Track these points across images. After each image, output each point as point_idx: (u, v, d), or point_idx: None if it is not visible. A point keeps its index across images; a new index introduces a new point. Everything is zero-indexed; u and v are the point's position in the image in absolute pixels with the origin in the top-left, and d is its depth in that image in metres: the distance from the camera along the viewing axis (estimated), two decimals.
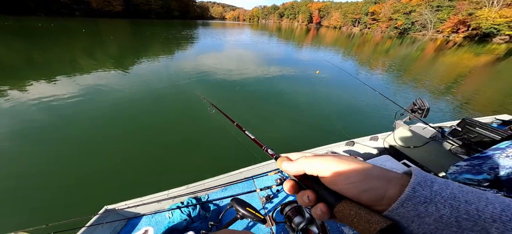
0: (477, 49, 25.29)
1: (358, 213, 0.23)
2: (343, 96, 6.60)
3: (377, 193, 0.24)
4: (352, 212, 0.24)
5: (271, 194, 2.06)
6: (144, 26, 33.55)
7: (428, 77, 9.81)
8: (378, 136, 2.73)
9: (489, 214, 0.19)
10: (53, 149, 3.40)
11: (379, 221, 0.22)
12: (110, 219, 1.61)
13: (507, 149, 1.34)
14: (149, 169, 3.09)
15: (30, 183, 2.74)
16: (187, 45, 16.66)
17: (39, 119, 4.29)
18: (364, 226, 0.22)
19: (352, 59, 14.25)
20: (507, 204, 0.20)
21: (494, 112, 4.07)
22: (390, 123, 2.80)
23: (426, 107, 2.37)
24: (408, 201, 0.22)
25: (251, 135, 0.53)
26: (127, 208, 1.70)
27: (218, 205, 2.01)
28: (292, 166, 0.30)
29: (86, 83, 6.52)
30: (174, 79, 7.37)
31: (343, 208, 0.24)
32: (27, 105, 4.84)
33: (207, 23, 73.98)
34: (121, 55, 11.59)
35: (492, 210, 0.19)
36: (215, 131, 3.95)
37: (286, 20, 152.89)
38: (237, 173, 2.10)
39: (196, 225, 1.76)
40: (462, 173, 1.53)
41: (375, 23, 74.68)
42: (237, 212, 1.18)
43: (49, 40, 15.44)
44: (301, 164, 0.29)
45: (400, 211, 0.22)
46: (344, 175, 0.26)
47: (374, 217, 0.22)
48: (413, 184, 0.22)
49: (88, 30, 23.46)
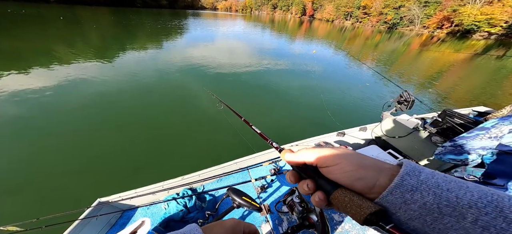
0: (458, 45, 26.70)
1: (351, 199, 0.25)
2: (335, 89, 6.77)
3: (369, 181, 0.26)
4: (346, 198, 0.26)
5: (266, 184, 2.12)
6: (129, 15, 31.40)
7: (412, 72, 10.30)
8: (367, 126, 2.87)
9: (466, 201, 0.21)
10: (42, 142, 3.24)
11: (369, 206, 0.24)
12: (104, 211, 1.58)
13: (492, 129, 1.43)
14: (142, 161, 3.04)
15: (19, 177, 2.63)
16: (178, 36, 15.96)
17: (26, 111, 4.04)
18: (356, 211, 0.24)
19: (343, 53, 14.50)
20: (484, 192, 0.22)
21: (471, 104, 4.41)
22: (378, 114, 2.94)
23: (411, 100, 2.51)
24: (396, 189, 0.24)
25: (257, 130, 0.55)
26: (121, 200, 1.67)
27: (214, 195, 2.03)
28: (294, 157, 0.33)
29: (71, 74, 6.13)
30: (168, 71, 7.12)
31: (339, 195, 0.27)
32: (15, 98, 4.53)
33: (197, 13, 70.73)
34: (108, 45, 10.90)
35: (470, 197, 0.21)
36: (209, 122, 3.93)
37: (279, 12, 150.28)
38: (232, 164, 2.12)
39: (192, 216, 1.78)
40: (446, 154, 1.65)
41: (366, 17, 75.65)
42: (233, 201, 1.20)
43: (21, 28, 14.03)
44: (302, 155, 0.32)
45: (389, 198, 0.24)
46: (340, 165, 0.28)
47: (365, 203, 0.24)
48: (402, 173, 0.25)
49: (67, 18, 21.55)
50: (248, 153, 2.22)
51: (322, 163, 0.30)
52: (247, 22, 44.19)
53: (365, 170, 0.27)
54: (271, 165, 2.18)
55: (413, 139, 2.39)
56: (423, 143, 2.29)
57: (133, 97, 4.99)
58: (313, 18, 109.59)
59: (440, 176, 0.24)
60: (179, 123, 4.07)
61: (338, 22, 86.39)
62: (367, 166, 0.27)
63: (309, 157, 0.31)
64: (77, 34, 13.68)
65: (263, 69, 8.29)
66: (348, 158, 0.28)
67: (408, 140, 2.42)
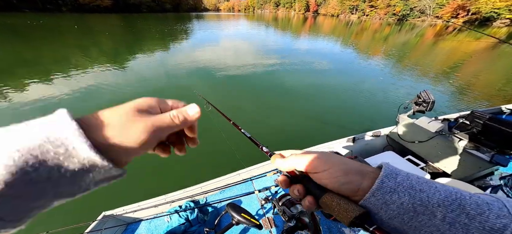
0: (477, 34, 24.97)
1: (338, 203, 0.27)
2: (343, 90, 6.43)
3: (353, 185, 0.28)
4: (334, 202, 0.27)
5: (270, 195, 1.97)
6: (137, 21, 32.33)
7: (428, 64, 9.64)
8: (381, 130, 2.62)
9: (435, 200, 0.24)
10: None
11: (355, 209, 0.25)
12: (109, 225, 1.61)
13: None
14: (145, 173, 3.00)
15: None
16: (184, 40, 16.15)
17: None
18: (343, 214, 0.26)
19: (351, 49, 13.93)
20: (450, 192, 0.24)
21: (502, 100, 3.92)
22: (392, 117, 2.67)
23: (431, 100, 2.24)
24: (377, 191, 0.26)
25: (247, 133, 0.52)
26: (125, 213, 1.70)
27: (216, 207, 1.98)
28: (284, 163, 0.34)
29: (86, 82, 6.32)
30: (172, 77, 7.14)
31: (327, 199, 0.28)
32: (31, 105, 4.74)
33: (201, 15, 71.64)
34: (120, 52, 11.22)
35: (438, 196, 0.24)
36: (213, 132, 3.83)
37: (282, 10, 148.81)
38: (235, 175, 2.05)
39: (194, 229, 1.75)
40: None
41: (373, 10, 73.04)
42: (233, 218, 1.17)
43: (44, 38, 14.75)
44: (292, 162, 0.33)
45: (371, 200, 0.26)
46: (328, 172, 0.29)
47: (351, 206, 0.26)
48: (381, 176, 0.26)
49: (80, 26, 22.54)
50: (254, 163, 2.10)
51: (311, 169, 0.31)
52: (250, 22, 44.03)
53: (351, 175, 0.28)
54: (276, 175, 2.03)
55: (436, 144, 2.13)
56: (449, 148, 2.02)
57: None
58: (317, 14, 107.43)
59: (414, 177, 0.26)
60: None
61: (344, 16, 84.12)
62: (352, 171, 0.29)
63: (298, 164, 0.32)
64: (92, 41, 14.19)
65: (267, 71, 8.11)
66: (335, 164, 0.30)
67: (430, 146, 2.15)
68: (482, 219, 0.22)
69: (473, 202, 0.23)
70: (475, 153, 1.85)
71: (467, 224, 0.22)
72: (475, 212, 0.22)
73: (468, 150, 1.88)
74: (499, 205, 0.23)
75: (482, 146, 1.86)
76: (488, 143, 1.82)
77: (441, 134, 2.10)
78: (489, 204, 0.23)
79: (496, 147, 1.79)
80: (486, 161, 1.77)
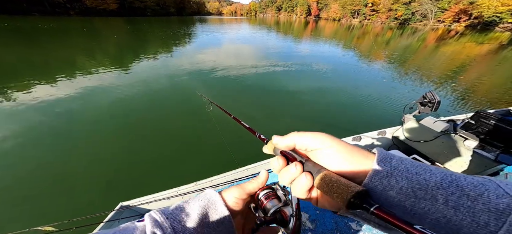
0: (479, 38, 24.90)
1: (338, 179, 0.25)
2: (348, 90, 6.49)
3: (355, 167, 0.27)
4: (333, 179, 0.26)
5: None
6: (142, 24, 32.92)
7: (431, 68, 9.66)
8: (386, 130, 2.66)
9: (433, 182, 0.23)
10: (70, 150, 3.47)
11: (356, 186, 0.24)
12: (125, 215, 1.71)
13: None
14: (159, 167, 3.16)
15: (54, 183, 2.85)
16: (190, 43, 16.45)
17: (55, 119, 4.34)
18: (343, 190, 0.24)
19: (353, 52, 14.03)
20: (444, 173, 0.24)
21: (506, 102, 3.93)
22: (398, 116, 2.71)
23: (436, 101, 2.28)
24: (375, 176, 0.25)
25: (246, 124, 0.56)
26: (140, 204, 1.77)
27: None
28: (283, 140, 0.33)
29: (101, 83, 6.49)
30: (177, 79, 7.26)
31: (325, 175, 0.26)
32: (48, 107, 4.89)
33: (204, 19, 72.60)
34: (128, 55, 11.39)
35: (435, 179, 0.23)
36: (221, 130, 3.97)
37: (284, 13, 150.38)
38: (243, 170, 2.11)
39: None
40: None
41: (374, 14, 73.47)
42: None
43: (54, 41, 15.07)
44: (293, 138, 0.32)
45: (369, 184, 0.25)
46: (332, 150, 0.28)
47: (352, 184, 0.24)
48: (377, 160, 0.25)
49: (90, 29, 23.05)
50: (261, 159, 2.16)
51: (315, 146, 0.30)
52: (252, 26, 44.55)
53: (353, 155, 0.27)
54: None
55: (442, 143, 2.16)
56: (455, 148, 2.05)
57: (152, 107, 5.16)
58: (319, 18, 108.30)
59: (408, 161, 0.26)
60: (192, 130, 4.17)
61: (345, 20, 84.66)
62: (354, 151, 0.28)
63: (300, 140, 0.31)
64: (102, 44, 14.50)
65: (270, 73, 8.20)
66: (340, 143, 0.29)
67: (436, 145, 2.19)
68: (484, 200, 0.21)
69: (469, 183, 0.22)
70: (480, 152, 1.89)
71: (471, 206, 0.21)
72: (474, 193, 0.22)
73: (474, 149, 1.92)
74: (494, 186, 0.22)
75: (487, 145, 1.89)
76: (493, 142, 1.86)
77: (446, 133, 2.14)
78: (484, 185, 0.22)
79: (501, 146, 1.82)
80: (491, 160, 1.80)
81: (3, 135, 3.80)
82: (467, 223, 0.21)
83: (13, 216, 2.39)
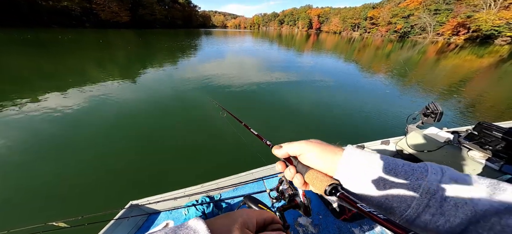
0: (480, 51, 25.17)
1: (317, 176, 0.34)
2: (351, 101, 6.59)
3: (328, 164, 0.35)
4: (313, 176, 0.34)
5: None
6: (152, 36, 34.50)
7: (432, 81, 9.77)
8: (390, 140, 2.70)
9: (379, 169, 0.31)
10: (84, 152, 3.63)
11: (328, 180, 0.32)
12: (134, 213, 1.75)
13: None
14: (167, 168, 3.29)
15: (68, 181, 3.00)
16: (199, 53, 17.14)
17: (70, 125, 4.57)
18: (321, 184, 0.32)
19: (354, 64, 14.32)
20: (385, 158, 0.32)
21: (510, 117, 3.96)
22: (401, 127, 2.77)
23: (439, 111, 2.35)
24: (341, 168, 0.33)
25: (255, 132, 0.62)
26: (148, 204, 1.82)
27: (230, 203, 2.07)
28: (280, 150, 0.41)
29: (117, 91, 6.86)
30: (193, 87, 7.55)
31: (309, 174, 0.35)
32: (67, 111, 5.16)
33: (209, 31, 75.72)
34: (143, 64, 11.91)
35: (384, 160, 0.32)
36: (227, 134, 4.07)
37: (286, 27, 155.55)
38: (248, 174, 2.15)
39: None
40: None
41: (374, 27, 75.43)
42: (250, 209, 1.28)
43: (75, 52, 15.89)
44: (285, 148, 0.40)
45: (340, 175, 0.33)
46: (310, 154, 0.37)
47: (326, 178, 0.33)
48: (344, 155, 0.34)
49: (105, 41, 24.30)
50: (266, 164, 2.21)
51: (298, 153, 0.39)
52: (255, 38, 46.12)
53: (326, 155, 0.35)
54: None
55: (445, 153, 2.20)
56: (458, 158, 2.09)
57: (162, 111, 5.39)
58: (320, 31, 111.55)
59: (362, 155, 0.33)
60: (201, 135, 4.30)
61: (346, 33, 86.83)
62: (326, 151, 0.35)
63: (290, 149, 0.40)
64: (118, 54, 15.29)
65: (274, 82, 8.42)
66: (315, 147, 0.36)
67: (439, 155, 2.22)
68: (409, 181, 0.28)
69: (403, 168, 0.29)
70: (484, 162, 1.91)
71: (398, 185, 0.28)
72: (404, 176, 0.29)
73: (478, 160, 1.95)
74: (421, 170, 0.28)
75: (491, 155, 1.92)
76: (497, 153, 1.89)
77: (450, 144, 2.18)
78: (414, 169, 0.29)
79: (505, 157, 1.85)
80: (495, 170, 1.82)
81: (26, 135, 4.02)
82: (396, 201, 0.28)
83: (32, 212, 2.51)
